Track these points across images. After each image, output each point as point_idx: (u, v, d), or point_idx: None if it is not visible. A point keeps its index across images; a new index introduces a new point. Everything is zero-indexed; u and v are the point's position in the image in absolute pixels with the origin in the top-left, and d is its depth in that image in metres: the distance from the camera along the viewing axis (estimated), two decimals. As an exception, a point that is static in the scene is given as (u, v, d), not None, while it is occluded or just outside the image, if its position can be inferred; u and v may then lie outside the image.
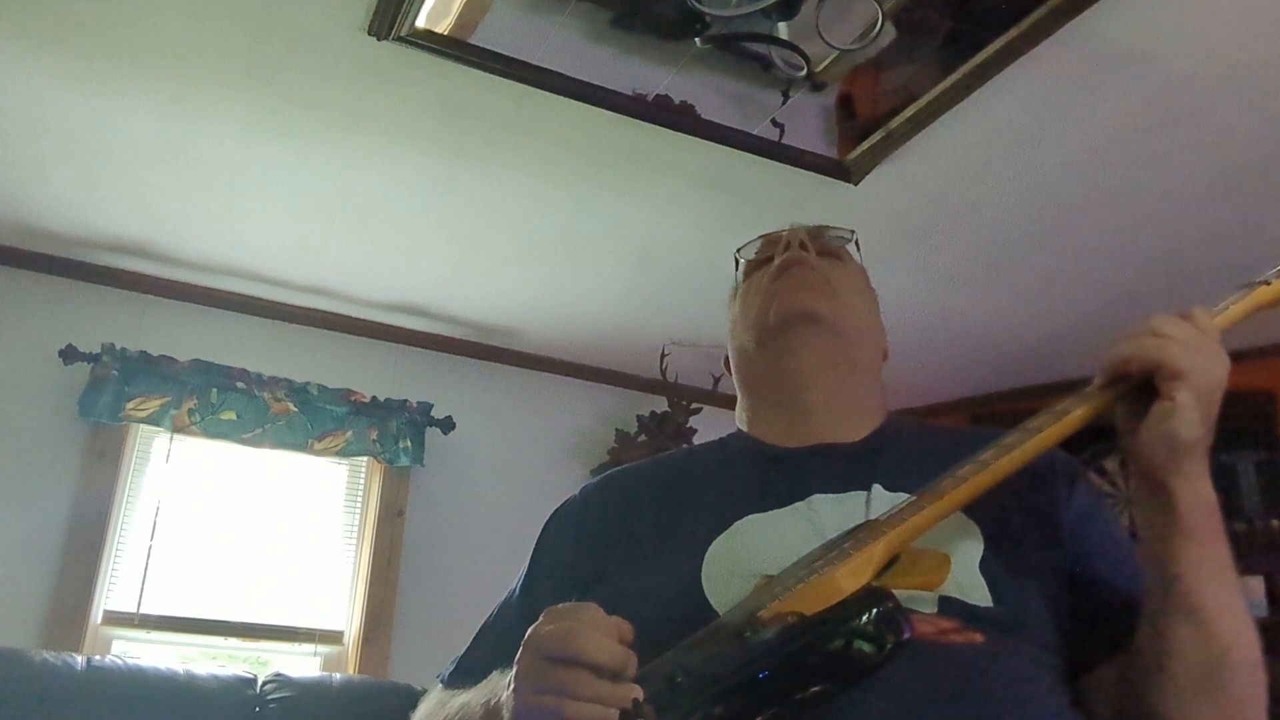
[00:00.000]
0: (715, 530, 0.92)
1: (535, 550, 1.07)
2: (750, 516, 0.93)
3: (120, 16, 1.96)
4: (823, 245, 1.09)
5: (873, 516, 0.87)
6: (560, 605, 0.79)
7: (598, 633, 0.73)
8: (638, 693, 0.70)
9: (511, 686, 0.76)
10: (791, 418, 1.02)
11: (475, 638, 1.05)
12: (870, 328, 1.09)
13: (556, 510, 1.09)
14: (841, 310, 1.04)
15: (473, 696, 0.91)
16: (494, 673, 0.87)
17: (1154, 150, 2.26)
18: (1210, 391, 0.80)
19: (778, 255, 1.07)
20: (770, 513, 0.93)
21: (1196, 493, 0.80)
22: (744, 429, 1.09)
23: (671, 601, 0.88)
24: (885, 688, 0.75)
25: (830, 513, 0.91)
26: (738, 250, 1.15)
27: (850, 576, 0.77)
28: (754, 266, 1.11)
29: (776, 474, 0.98)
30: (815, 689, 0.70)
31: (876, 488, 0.93)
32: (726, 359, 1.14)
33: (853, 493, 0.93)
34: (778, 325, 1.02)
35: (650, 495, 1.03)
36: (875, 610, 0.71)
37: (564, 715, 0.70)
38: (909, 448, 0.99)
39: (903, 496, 0.89)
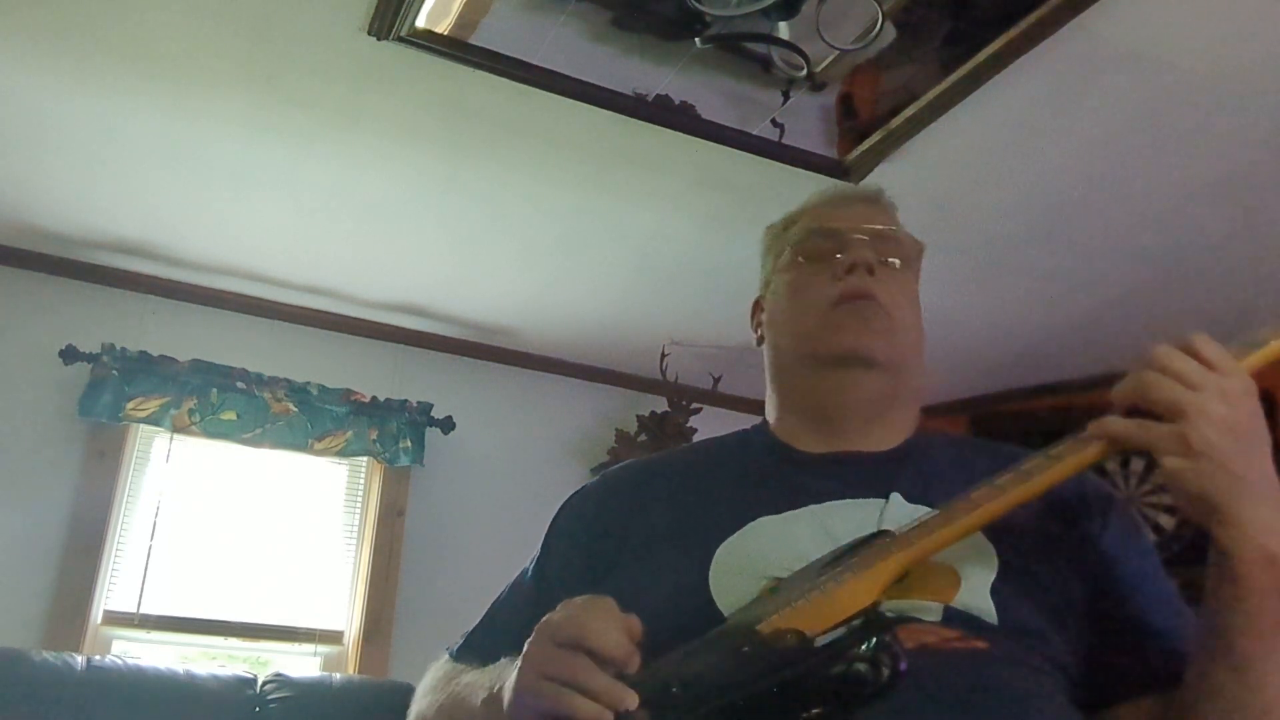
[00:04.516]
0: (727, 530, 0.92)
1: (549, 533, 1.07)
2: (763, 518, 0.93)
3: (121, 17, 1.96)
4: (887, 254, 1.03)
5: (885, 525, 0.86)
6: (575, 597, 0.80)
7: (606, 624, 0.74)
8: (634, 700, 0.71)
9: (518, 667, 0.77)
10: (824, 433, 1.01)
11: (486, 615, 1.07)
12: (919, 346, 1.05)
13: (574, 494, 1.09)
14: (899, 346, 1.01)
15: (478, 678, 0.91)
16: (504, 659, 0.87)
17: (1154, 150, 2.26)
18: (1209, 446, 0.75)
19: (841, 269, 1.00)
20: (783, 515, 0.93)
21: (1249, 542, 0.75)
22: (770, 424, 1.07)
23: (677, 600, 0.88)
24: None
25: (844, 519, 0.90)
26: (785, 231, 1.09)
27: (853, 596, 0.76)
28: (809, 256, 1.04)
29: (795, 477, 0.97)
30: (813, 713, 0.70)
31: (895, 496, 0.92)
32: (759, 335, 1.10)
33: (870, 500, 0.92)
34: (834, 362, 0.99)
35: (668, 488, 1.02)
36: (875, 640, 0.70)
37: (560, 702, 0.72)
38: (934, 460, 0.98)
39: (920, 509, 0.88)
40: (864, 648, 0.69)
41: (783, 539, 0.90)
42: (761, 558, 0.88)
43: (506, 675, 0.80)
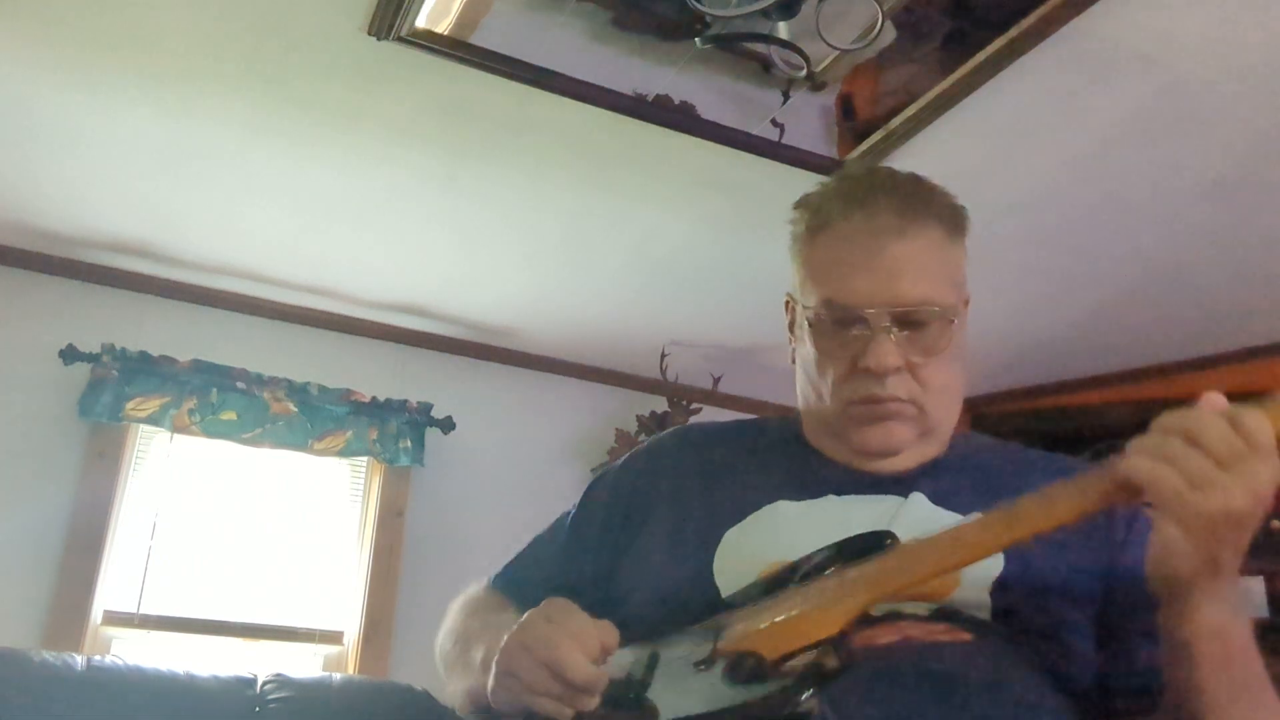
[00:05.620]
0: (742, 513, 0.94)
1: (594, 488, 1.11)
2: (782, 502, 0.94)
3: (121, 16, 1.96)
4: (915, 322, 0.93)
5: (901, 524, 0.87)
6: (558, 604, 0.83)
7: (579, 651, 0.77)
8: (592, 703, 0.77)
9: (496, 662, 0.83)
10: (855, 462, 1.00)
11: (525, 549, 1.13)
12: (957, 397, 0.99)
13: (624, 457, 1.12)
14: (927, 423, 0.96)
15: (488, 628, 0.95)
16: (511, 616, 0.92)
17: (1155, 150, 2.26)
18: (1214, 526, 0.71)
19: (860, 364, 0.92)
20: (803, 502, 0.94)
21: (1203, 620, 0.75)
22: (803, 425, 1.05)
23: (681, 578, 0.91)
24: (864, 678, 0.77)
25: (860, 513, 0.91)
26: (812, 236, 0.98)
27: (818, 625, 0.76)
28: (827, 330, 0.95)
29: (821, 470, 0.98)
30: None
31: (918, 496, 0.92)
32: (794, 346, 1.05)
33: (890, 497, 0.93)
34: (859, 454, 0.97)
35: (702, 464, 1.04)
36: (811, 692, 0.72)
37: (527, 700, 0.79)
38: (969, 466, 0.98)
39: (941, 511, 0.89)
40: (804, 696, 0.71)
41: (794, 527, 0.91)
42: (768, 544, 0.89)
43: (495, 651, 0.84)
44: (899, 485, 0.94)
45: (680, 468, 1.04)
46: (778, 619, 0.77)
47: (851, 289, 0.92)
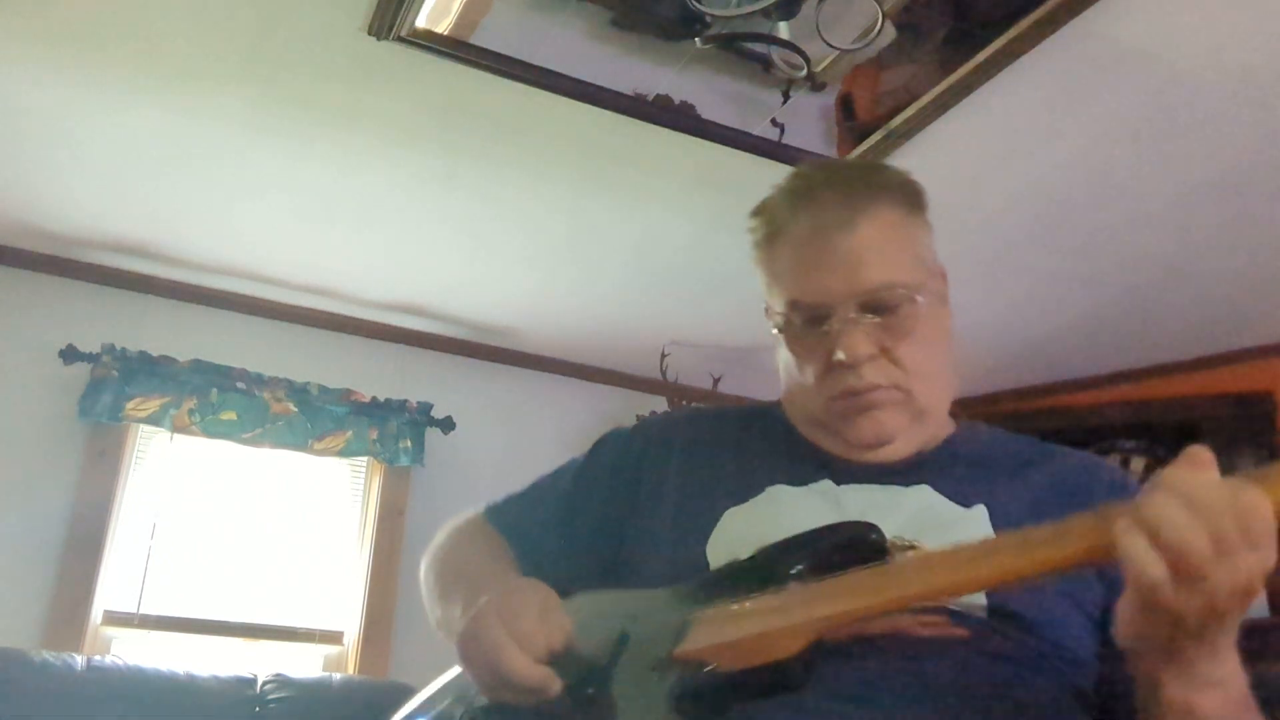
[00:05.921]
0: (741, 495, 0.94)
1: (604, 446, 1.12)
2: (780, 485, 0.94)
3: (121, 17, 1.96)
4: (884, 306, 0.92)
5: (904, 515, 0.87)
6: (514, 596, 0.84)
7: (525, 656, 0.78)
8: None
9: (457, 650, 0.85)
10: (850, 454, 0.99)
11: (528, 489, 1.16)
12: (946, 372, 0.98)
13: (640, 423, 1.13)
14: (916, 403, 0.94)
15: (470, 581, 0.97)
16: (492, 577, 0.95)
17: (1154, 150, 2.26)
18: (1184, 621, 0.65)
19: (832, 359, 0.92)
20: (801, 487, 0.94)
21: (1165, 696, 0.71)
22: (794, 422, 1.03)
23: (676, 556, 0.92)
24: (854, 672, 0.76)
25: (857, 500, 0.91)
26: (769, 245, 0.99)
27: (777, 644, 0.75)
28: (797, 331, 0.96)
29: (816, 460, 0.97)
30: None
31: (924, 488, 0.92)
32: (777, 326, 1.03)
33: (892, 486, 0.92)
34: (853, 446, 0.95)
35: (716, 445, 1.04)
36: None
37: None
38: (968, 454, 0.97)
39: (945, 502, 0.89)
40: None
41: (792, 511, 0.91)
42: (765, 527, 0.89)
43: (469, 613, 0.86)
44: (899, 475, 0.93)
45: (691, 444, 1.04)
46: (739, 629, 0.77)
47: (812, 287, 0.93)
